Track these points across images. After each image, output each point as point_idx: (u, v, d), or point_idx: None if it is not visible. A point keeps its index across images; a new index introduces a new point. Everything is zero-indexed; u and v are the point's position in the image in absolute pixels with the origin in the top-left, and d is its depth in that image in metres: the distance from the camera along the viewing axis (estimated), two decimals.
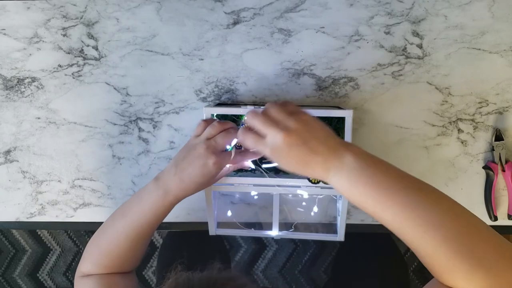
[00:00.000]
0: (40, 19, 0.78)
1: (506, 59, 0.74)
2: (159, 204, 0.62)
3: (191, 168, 0.61)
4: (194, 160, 0.60)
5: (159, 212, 0.63)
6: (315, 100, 0.77)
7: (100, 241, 0.67)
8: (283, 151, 0.52)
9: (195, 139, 0.64)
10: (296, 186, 0.70)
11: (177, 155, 0.64)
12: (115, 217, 0.67)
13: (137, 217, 0.63)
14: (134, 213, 0.64)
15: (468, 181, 0.77)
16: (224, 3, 0.75)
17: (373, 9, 0.74)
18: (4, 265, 1.67)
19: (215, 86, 0.78)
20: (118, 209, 0.68)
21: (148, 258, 1.62)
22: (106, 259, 0.66)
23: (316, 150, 0.52)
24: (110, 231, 0.66)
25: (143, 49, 0.77)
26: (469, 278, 0.44)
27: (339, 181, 0.51)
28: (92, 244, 0.68)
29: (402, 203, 0.48)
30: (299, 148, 0.52)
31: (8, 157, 0.82)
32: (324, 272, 1.57)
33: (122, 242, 0.65)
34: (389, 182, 0.49)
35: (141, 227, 0.64)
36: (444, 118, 0.76)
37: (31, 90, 0.80)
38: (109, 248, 0.66)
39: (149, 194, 0.63)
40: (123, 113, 0.80)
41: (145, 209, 0.63)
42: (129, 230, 0.64)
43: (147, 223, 0.64)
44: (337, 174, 0.51)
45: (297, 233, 0.78)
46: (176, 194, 0.62)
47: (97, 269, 0.67)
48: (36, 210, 0.84)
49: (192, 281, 0.47)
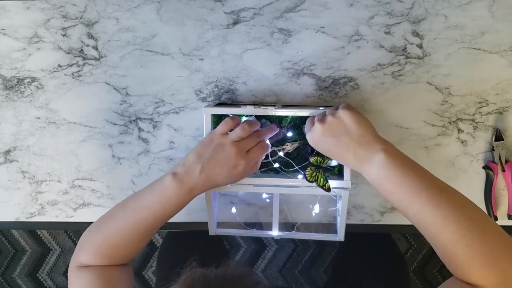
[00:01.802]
0: (40, 19, 0.78)
1: (506, 59, 0.74)
2: (183, 198, 0.62)
3: (220, 168, 0.63)
4: (223, 161, 0.62)
5: (182, 205, 0.64)
6: (315, 100, 0.77)
7: (105, 231, 0.65)
8: (317, 139, 0.63)
9: (222, 137, 0.64)
10: (296, 186, 0.70)
11: (200, 151, 0.63)
12: (127, 208, 0.65)
13: (156, 210, 0.62)
14: (154, 206, 0.62)
15: (468, 181, 0.77)
16: (224, 3, 0.75)
17: (373, 9, 0.74)
18: (4, 265, 1.67)
19: (215, 86, 0.78)
20: (130, 200, 0.66)
21: (148, 258, 1.62)
22: (111, 249, 0.64)
23: (346, 145, 0.60)
24: (120, 222, 0.64)
25: (143, 49, 0.77)
26: (484, 274, 0.48)
27: (370, 176, 0.58)
28: (94, 234, 0.66)
29: (426, 201, 0.53)
30: (329, 140, 0.61)
31: (8, 157, 0.82)
32: (324, 272, 1.57)
33: (133, 233, 0.63)
34: (415, 181, 0.55)
35: (158, 220, 0.64)
36: (444, 118, 0.76)
37: (31, 90, 0.80)
38: (117, 239, 0.64)
39: (172, 189, 0.62)
40: (123, 113, 0.80)
41: (167, 203, 0.62)
42: (143, 222, 0.63)
43: (166, 216, 0.64)
44: (368, 168, 0.58)
45: (297, 233, 0.79)
46: (201, 190, 0.63)
47: (98, 260, 0.64)
48: (36, 210, 0.84)
49: (208, 277, 0.48)
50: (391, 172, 0.55)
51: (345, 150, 0.60)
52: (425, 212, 0.53)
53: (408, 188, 0.54)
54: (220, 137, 0.64)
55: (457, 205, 0.52)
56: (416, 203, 0.53)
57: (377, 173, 0.57)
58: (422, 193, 0.53)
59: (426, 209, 0.52)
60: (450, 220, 0.51)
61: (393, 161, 0.56)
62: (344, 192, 0.69)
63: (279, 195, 0.75)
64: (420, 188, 0.54)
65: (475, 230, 0.50)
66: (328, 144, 0.61)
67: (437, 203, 0.52)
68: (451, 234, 0.50)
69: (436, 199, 0.53)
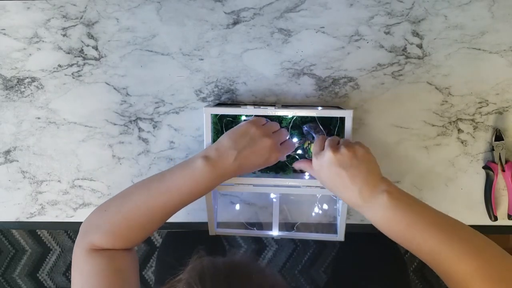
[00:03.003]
0: (40, 19, 0.78)
1: (506, 59, 0.74)
2: (213, 182, 0.62)
3: (255, 158, 0.63)
4: (259, 151, 0.63)
5: (210, 189, 0.64)
6: (315, 100, 0.77)
7: (127, 211, 0.62)
8: (324, 168, 0.60)
9: (258, 128, 0.64)
10: (296, 186, 0.70)
11: (236, 138, 0.63)
12: (152, 189, 0.62)
13: (182, 193, 0.61)
14: (182, 188, 0.61)
15: (468, 181, 0.77)
16: (224, 3, 0.75)
17: (373, 9, 0.74)
18: (4, 265, 1.67)
19: (215, 86, 0.78)
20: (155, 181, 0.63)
21: (148, 258, 1.62)
22: (129, 230, 0.62)
23: (354, 179, 0.58)
24: (143, 202, 0.62)
25: (143, 49, 0.77)
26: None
27: (372, 216, 0.58)
28: (115, 214, 0.62)
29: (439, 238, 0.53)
30: (338, 170, 0.59)
31: (8, 157, 0.82)
32: (324, 272, 1.57)
33: (155, 215, 0.62)
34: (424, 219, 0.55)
35: (182, 203, 0.63)
36: (444, 118, 0.76)
37: (31, 90, 0.80)
38: (137, 220, 0.61)
39: (203, 172, 0.61)
40: (123, 113, 0.80)
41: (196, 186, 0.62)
42: (169, 204, 0.62)
43: (189, 200, 0.63)
44: (371, 209, 0.57)
45: (297, 233, 0.78)
46: (231, 176, 0.64)
47: (114, 241, 0.61)
48: (36, 210, 0.84)
49: (217, 263, 0.49)
50: (398, 213, 0.55)
51: (351, 183, 0.58)
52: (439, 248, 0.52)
53: (419, 227, 0.54)
54: (258, 128, 0.65)
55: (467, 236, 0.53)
56: (429, 241, 0.53)
57: (383, 214, 0.56)
58: (433, 230, 0.53)
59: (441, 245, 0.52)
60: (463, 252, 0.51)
61: (398, 202, 0.56)
62: None
63: (279, 195, 0.75)
64: (431, 225, 0.54)
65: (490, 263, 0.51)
66: (335, 174, 0.60)
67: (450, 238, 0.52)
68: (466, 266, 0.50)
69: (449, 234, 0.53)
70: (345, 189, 0.59)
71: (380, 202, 0.56)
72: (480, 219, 0.77)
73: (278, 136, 0.67)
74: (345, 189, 0.59)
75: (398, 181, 0.78)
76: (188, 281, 0.46)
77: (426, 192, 0.78)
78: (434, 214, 0.56)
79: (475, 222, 0.77)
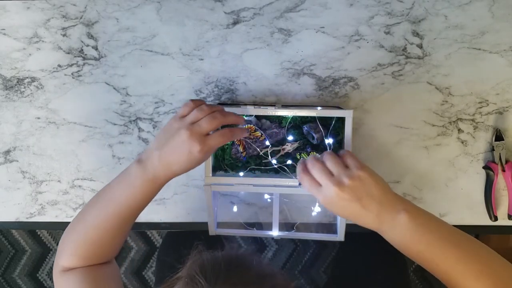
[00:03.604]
0: (40, 19, 0.78)
1: (506, 59, 0.74)
2: (149, 187, 0.60)
3: (176, 155, 0.58)
4: (178, 147, 0.58)
5: (149, 194, 0.61)
6: (315, 100, 0.77)
7: (81, 230, 0.63)
8: (335, 204, 0.56)
9: (178, 121, 0.60)
10: (296, 186, 0.70)
11: (159, 136, 0.60)
12: (97, 204, 0.63)
13: (124, 201, 0.60)
14: (121, 197, 0.60)
15: (468, 181, 0.77)
16: (224, 3, 0.75)
17: (373, 9, 0.74)
18: (4, 265, 1.67)
19: (215, 86, 0.78)
20: (98, 196, 0.63)
21: (148, 258, 1.62)
22: (89, 249, 0.62)
23: (368, 207, 0.55)
24: (93, 218, 0.62)
25: (143, 49, 0.77)
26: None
27: (392, 237, 0.56)
28: (72, 235, 0.64)
29: (457, 256, 0.53)
30: (351, 204, 0.55)
31: (8, 157, 0.82)
32: (324, 272, 1.57)
33: (108, 229, 0.62)
34: (438, 242, 0.54)
35: (129, 211, 0.61)
36: (444, 118, 0.76)
37: (31, 90, 0.80)
38: (93, 236, 0.62)
39: (136, 178, 0.59)
40: (123, 113, 0.80)
41: (133, 193, 0.60)
42: (115, 216, 0.61)
43: (136, 206, 0.61)
44: (390, 230, 0.56)
45: (297, 233, 0.78)
46: (165, 176, 0.60)
47: (79, 261, 0.63)
48: (36, 210, 0.84)
49: (217, 257, 0.49)
50: (417, 233, 0.54)
51: (366, 212, 0.55)
52: (457, 267, 0.53)
53: (437, 247, 0.54)
54: (178, 121, 0.60)
55: (484, 255, 0.54)
56: (447, 260, 0.53)
57: (403, 235, 0.55)
58: (452, 249, 0.53)
59: (458, 265, 0.53)
60: (480, 272, 0.52)
61: (417, 221, 0.54)
62: None
63: (279, 195, 0.75)
64: (449, 243, 0.54)
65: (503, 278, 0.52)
66: (352, 209, 0.56)
67: (468, 257, 0.53)
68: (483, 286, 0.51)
69: (467, 253, 0.53)
70: (362, 217, 0.56)
71: (399, 222, 0.54)
72: (480, 219, 0.77)
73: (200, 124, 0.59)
74: (361, 217, 0.57)
75: (398, 181, 0.78)
76: (189, 274, 0.47)
77: (426, 192, 0.78)
78: (452, 232, 0.56)
79: (475, 222, 0.77)
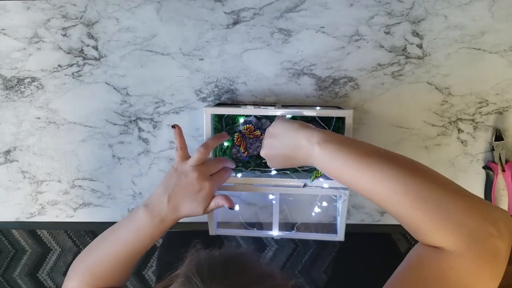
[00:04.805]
0: (40, 19, 0.78)
1: (506, 59, 0.74)
2: (155, 230, 0.64)
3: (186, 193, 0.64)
4: (187, 188, 0.63)
5: (155, 236, 0.65)
6: (315, 100, 0.77)
7: (90, 261, 0.67)
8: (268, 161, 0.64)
9: (182, 165, 0.65)
10: (296, 186, 0.70)
11: (165, 182, 0.65)
12: (106, 240, 0.67)
13: (131, 243, 0.64)
14: (128, 238, 0.64)
15: (468, 181, 0.77)
16: (224, 3, 0.75)
17: (373, 9, 0.74)
18: (4, 265, 1.67)
19: (215, 86, 0.78)
20: (108, 232, 0.68)
21: (148, 258, 1.62)
22: (94, 278, 0.67)
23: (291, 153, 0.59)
24: (100, 253, 0.67)
25: (143, 49, 0.77)
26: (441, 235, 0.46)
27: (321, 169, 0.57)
28: (81, 264, 0.68)
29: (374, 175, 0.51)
30: (276, 158, 0.62)
31: (8, 157, 0.82)
32: (324, 272, 1.57)
33: (113, 264, 0.66)
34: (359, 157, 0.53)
35: (135, 250, 0.65)
36: (444, 118, 0.76)
37: (31, 90, 0.80)
38: (99, 269, 0.66)
39: (143, 222, 0.63)
40: (123, 113, 0.80)
41: (139, 235, 0.64)
42: (122, 253, 0.65)
43: (142, 247, 0.65)
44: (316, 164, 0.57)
45: (297, 233, 0.78)
46: (173, 219, 0.64)
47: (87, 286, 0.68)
48: (36, 210, 0.84)
49: (214, 256, 0.50)
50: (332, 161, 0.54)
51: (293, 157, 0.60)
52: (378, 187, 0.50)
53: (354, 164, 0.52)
54: (181, 165, 0.65)
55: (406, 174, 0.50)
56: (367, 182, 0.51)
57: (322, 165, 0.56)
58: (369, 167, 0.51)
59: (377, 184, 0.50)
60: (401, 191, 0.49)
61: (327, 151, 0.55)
62: (344, 192, 0.69)
63: (279, 195, 0.75)
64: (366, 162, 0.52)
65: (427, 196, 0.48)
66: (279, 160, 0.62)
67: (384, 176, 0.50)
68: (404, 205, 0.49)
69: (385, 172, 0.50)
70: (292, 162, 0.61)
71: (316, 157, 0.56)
72: None
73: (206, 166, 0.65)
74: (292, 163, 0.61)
75: None
76: (186, 274, 0.48)
77: None
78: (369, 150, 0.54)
79: None
